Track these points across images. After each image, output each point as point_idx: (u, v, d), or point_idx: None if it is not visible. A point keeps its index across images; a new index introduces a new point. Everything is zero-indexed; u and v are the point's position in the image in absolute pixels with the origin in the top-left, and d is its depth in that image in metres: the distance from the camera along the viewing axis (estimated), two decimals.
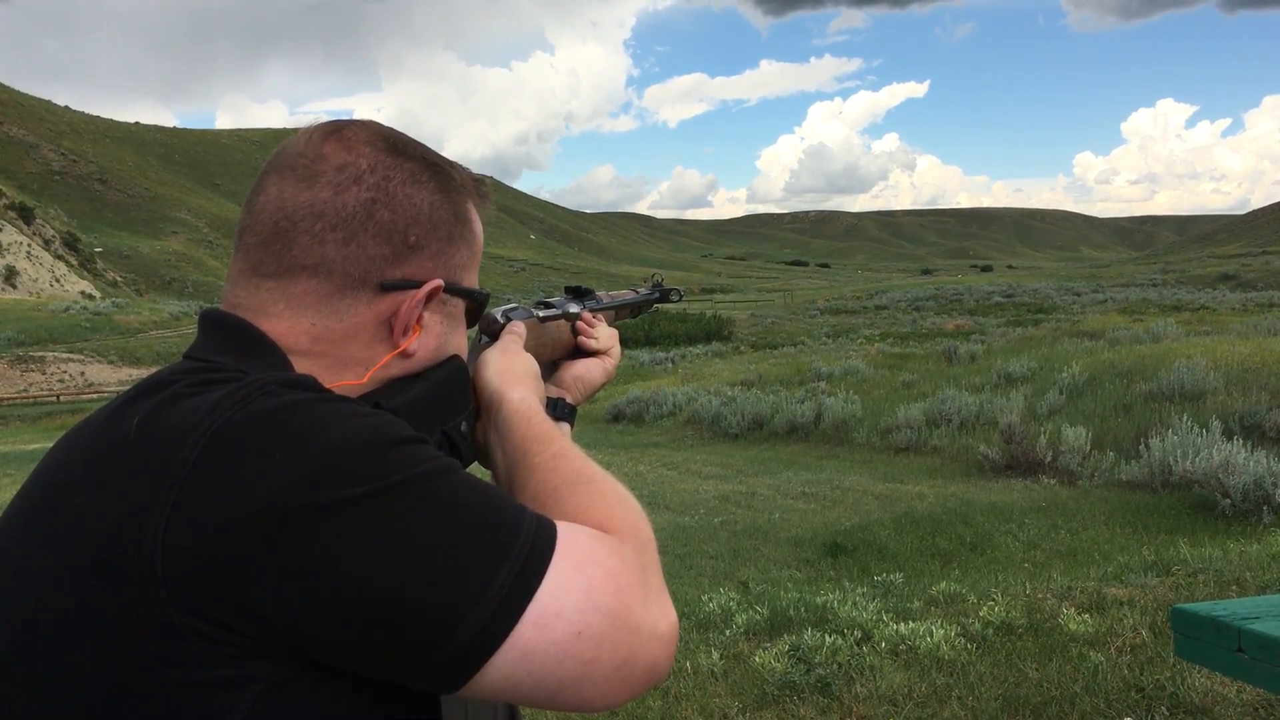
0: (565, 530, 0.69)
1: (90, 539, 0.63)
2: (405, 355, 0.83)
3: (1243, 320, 24.06)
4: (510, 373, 0.93)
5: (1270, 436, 9.41)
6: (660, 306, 1.53)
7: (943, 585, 4.97)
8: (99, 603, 0.62)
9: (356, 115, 0.95)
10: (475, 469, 0.94)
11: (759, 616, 4.51)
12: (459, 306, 0.88)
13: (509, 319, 1.04)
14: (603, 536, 0.70)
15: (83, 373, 42.38)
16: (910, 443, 12.51)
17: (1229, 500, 7.07)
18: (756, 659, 3.87)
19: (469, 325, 0.93)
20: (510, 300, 1.23)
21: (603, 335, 1.18)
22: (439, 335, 0.86)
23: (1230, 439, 8.25)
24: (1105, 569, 5.21)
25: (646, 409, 18.19)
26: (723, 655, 4.02)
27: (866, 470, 11.44)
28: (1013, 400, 12.79)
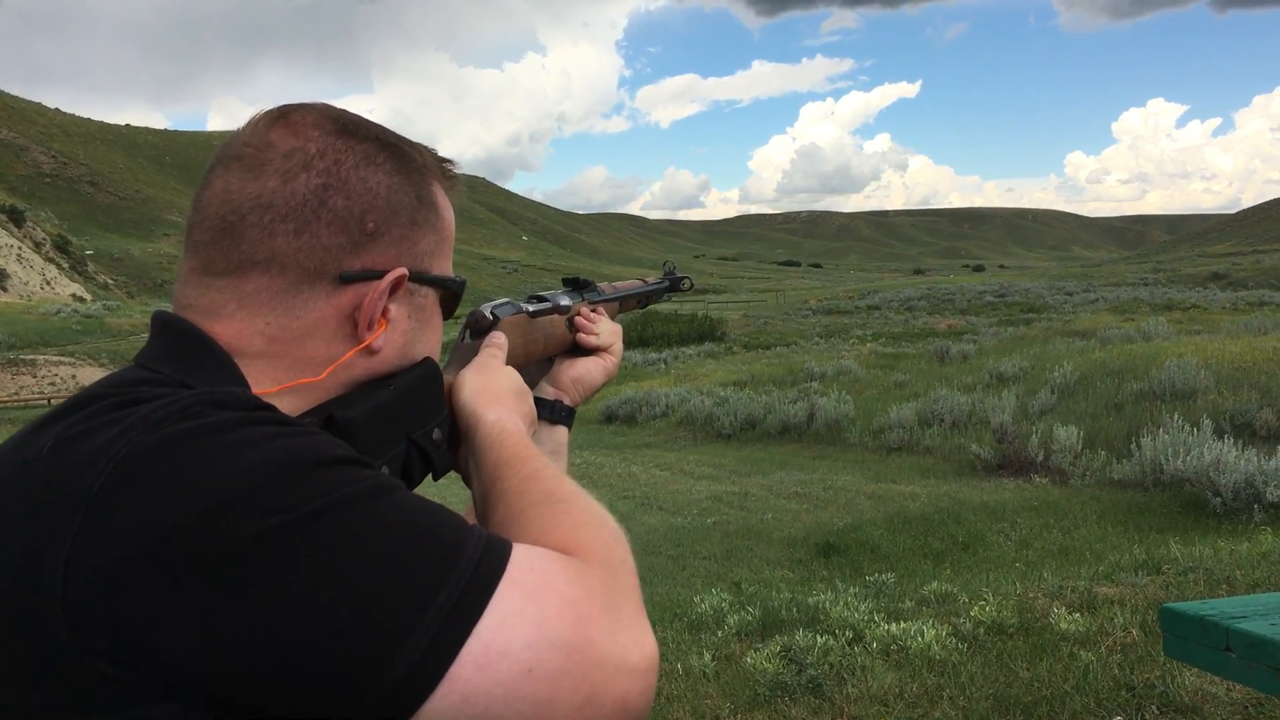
0: (519, 554, 0.62)
1: None
2: (370, 352, 0.77)
3: (1233, 319, 24.18)
4: (487, 392, 0.87)
5: (1261, 435, 9.45)
6: (652, 307, 1.46)
7: (934, 585, 4.98)
8: (1, 642, 0.58)
9: None
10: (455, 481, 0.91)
11: (751, 617, 4.50)
12: (429, 297, 0.83)
13: (497, 316, 0.99)
14: (563, 559, 0.64)
15: (74, 376, 42.20)
16: (903, 442, 12.53)
17: (1220, 499, 7.10)
18: (748, 660, 3.87)
19: (446, 317, 0.87)
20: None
21: (603, 331, 1.12)
22: (406, 331, 0.80)
23: (1221, 438, 8.28)
24: (1096, 568, 5.22)
25: (639, 410, 18.19)
26: (714, 656, 4.02)
27: (859, 470, 11.46)
28: (1005, 400, 12.82)
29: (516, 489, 0.75)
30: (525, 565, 0.62)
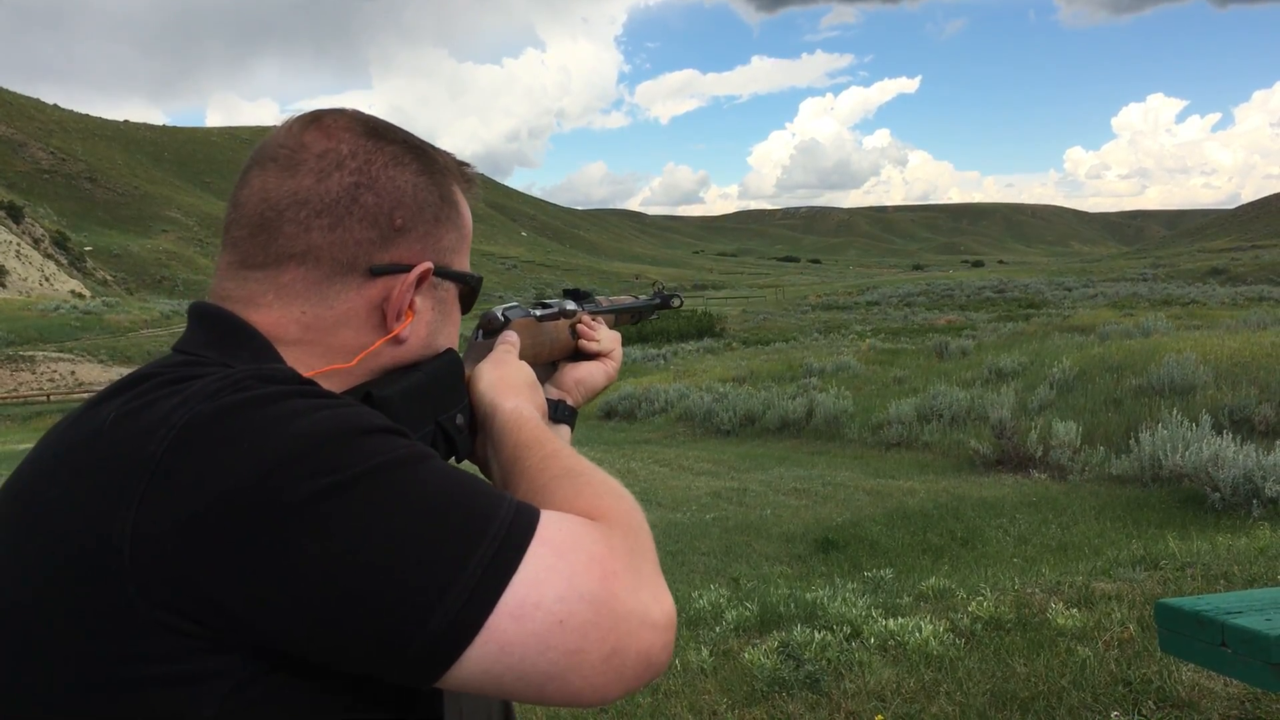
0: (547, 517, 0.67)
1: (62, 532, 0.63)
2: (398, 341, 0.82)
3: (1232, 315, 24.19)
4: (503, 382, 0.93)
5: (1259, 430, 9.45)
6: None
7: (932, 581, 4.98)
8: (70, 596, 0.62)
9: None
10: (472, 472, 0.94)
11: (749, 613, 4.51)
12: (450, 291, 0.88)
13: (508, 318, 1.05)
14: (587, 522, 0.69)
15: (73, 372, 42.20)
16: (901, 438, 12.54)
17: (1218, 494, 7.10)
18: (746, 655, 3.87)
19: (464, 311, 0.92)
20: (503, 298, 1.23)
21: (604, 338, 1.18)
22: (430, 322, 0.85)
23: (1220, 433, 8.29)
24: (1094, 564, 5.23)
25: (638, 406, 18.18)
26: (712, 652, 4.02)
27: (858, 466, 11.46)
28: (1003, 395, 12.82)
29: (537, 467, 0.80)
30: (554, 526, 0.67)
